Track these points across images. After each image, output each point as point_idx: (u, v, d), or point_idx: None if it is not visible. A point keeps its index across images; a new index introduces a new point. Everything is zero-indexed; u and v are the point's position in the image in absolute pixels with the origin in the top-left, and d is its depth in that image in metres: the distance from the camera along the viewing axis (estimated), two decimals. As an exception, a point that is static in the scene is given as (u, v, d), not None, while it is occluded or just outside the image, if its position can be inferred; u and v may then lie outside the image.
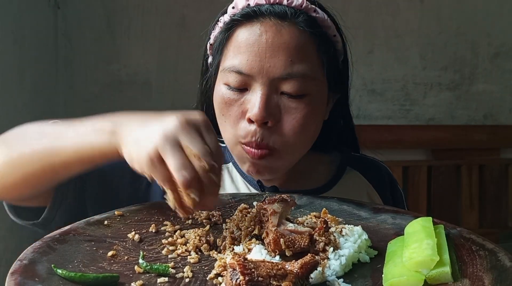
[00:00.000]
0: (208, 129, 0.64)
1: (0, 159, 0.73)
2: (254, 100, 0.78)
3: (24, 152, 0.71)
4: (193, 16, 2.26)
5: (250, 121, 0.79)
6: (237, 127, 0.81)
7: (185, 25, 2.27)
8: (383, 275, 0.57)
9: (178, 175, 0.58)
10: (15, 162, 0.72)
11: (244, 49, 0.79)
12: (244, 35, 0.80)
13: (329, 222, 0.67)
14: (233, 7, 0.84)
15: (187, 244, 0.63)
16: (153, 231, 0.67)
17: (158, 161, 0.60)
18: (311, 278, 0.55)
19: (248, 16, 0.81)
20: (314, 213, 0.70)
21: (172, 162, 0.58)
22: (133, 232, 0.66)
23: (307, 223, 0.66)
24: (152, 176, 0.61)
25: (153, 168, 0.60)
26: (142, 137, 0.62)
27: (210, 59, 0.90)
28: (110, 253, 0.60)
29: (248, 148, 0.80)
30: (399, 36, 2.58)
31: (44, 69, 1.98)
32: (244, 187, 0.91)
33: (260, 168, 0.82)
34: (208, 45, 0.89)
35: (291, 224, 0.62)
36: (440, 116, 2.68)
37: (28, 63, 1.80)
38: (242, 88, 0.80)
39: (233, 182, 0.91)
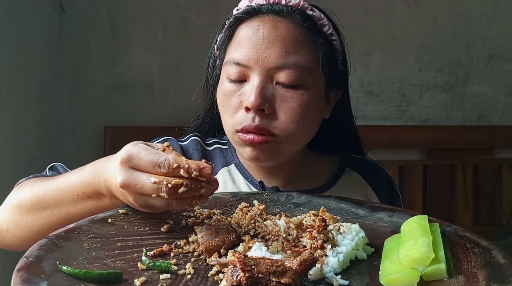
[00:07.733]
0: (145, 147, 0.65)
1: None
2: (250, 89, 0.82)
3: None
4: (195, 19, 2.27)
5: (247, 109, 0.82)
6: (235, 116, 0.84)
7: (187, 28, 2.28)
8: (380, 272, 0.59)
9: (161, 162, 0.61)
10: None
11: (243, 43, 0.84)
12: (244, 31, 0.85)
13: (327, 220, 0.69)
14: (237, 9, 0.90)
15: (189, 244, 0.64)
16: (164, 230, 0.68)
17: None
18: (310, 274, 0.56)
19: (249, 13, 0.86)
20: (313, 211, 0.71)
21: (146, 164, 0.62)
22: (136, 229, 0.67)
23: (306, 221, 0.68)
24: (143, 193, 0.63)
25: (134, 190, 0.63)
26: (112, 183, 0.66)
27: (216, 61, 0.93)
28: (119, 244, 0.62)
29: (246, 135, 0.82)
30: (395, 38, 2.60)
31: (49, 71, 1.99)
32: (246, 188, 0.92)
33: (259, 154, 0.84)
34: (215, 47, 0.93)
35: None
36: (435, 116, 2.70)
37: (34, 64, 1.81)
38: (241, 80, 0.84)
39: (235, 183, 0.93)
